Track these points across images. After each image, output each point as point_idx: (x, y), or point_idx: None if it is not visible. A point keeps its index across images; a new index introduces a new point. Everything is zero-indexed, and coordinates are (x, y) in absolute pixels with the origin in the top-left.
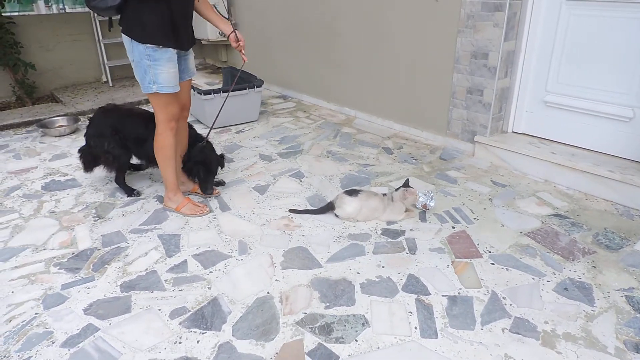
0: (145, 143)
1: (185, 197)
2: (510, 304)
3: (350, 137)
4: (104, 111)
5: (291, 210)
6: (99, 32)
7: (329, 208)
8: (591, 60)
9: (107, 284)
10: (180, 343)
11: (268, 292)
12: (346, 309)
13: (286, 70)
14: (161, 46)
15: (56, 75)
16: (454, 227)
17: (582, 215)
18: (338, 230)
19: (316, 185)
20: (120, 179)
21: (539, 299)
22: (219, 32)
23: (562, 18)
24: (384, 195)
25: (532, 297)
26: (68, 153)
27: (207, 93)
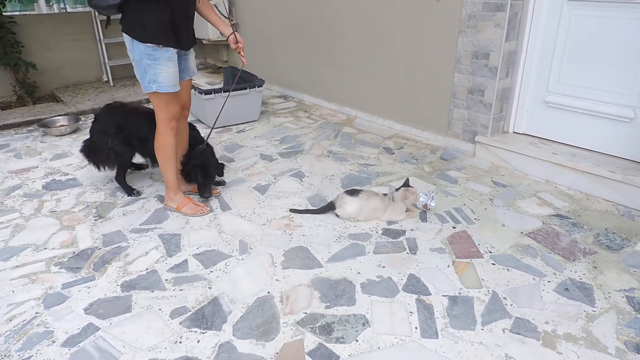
0: (150, 142)
1: (186, 196)
2: (511, 304)
3: (351, 137)
4: (109, 109)
5: (292, 210)
6: (100, 32)
7: (329, 208)
8: (592, 60)
9: (107, 284)
10: (180, 343)
11: (268, 292)
12: (347, 309)
13: (287, 70)
14: (161, 46)
15: (57, 75)
16: (454, 227)
17: (583, 215)
18: (339, 230)
19: (317, 185)
20: (120, 178)
21: (539, 299)
22: (219, 33)
23: (563, 18)
24: (384, 195)
25: (532, 298)
26: (69, 152)
27: (207, 93)
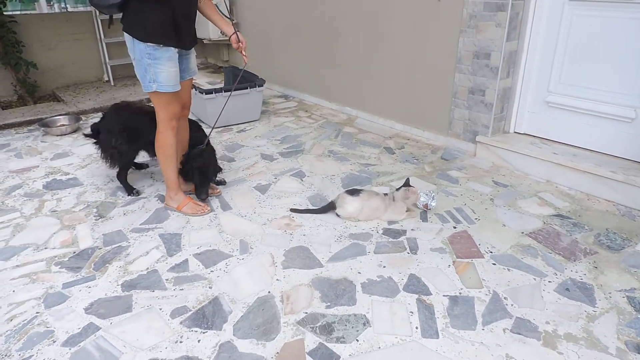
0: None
1: (187, 196)
2: (512, 304)
3: (352, 136)
4: (116, 108)
5: (292, 209)
6: (100, 31)
7: (330, 207)
8: (593, 60)
9: (108, 283)
10: (181, 342)
11: (269, 292)
12: (347, 309)
13: (287, 69)
14: (162, 45)
15: (58, 75)
16: (455, 227)
17: (583, 215)
18: (339, 230)
19: (317, 184)
20: (122, 176)
21: (540, 299)
22: (220, 32)
23: (564, 18)
24: (385, 195)
25: (533, 298)
26: (69, 152)
27: (208, 92)
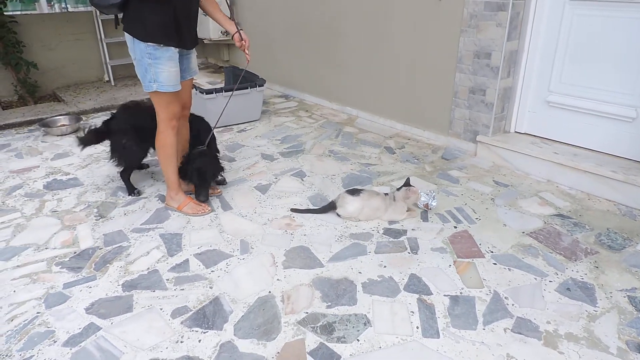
0: None
1: (187, 196)
2: (513, 304)
3: (352, 136)
4: (125, 108)
5: (293, 209)
6: (101, 32)
7: (330, 207)
8: (594, 60)
9: (108, 283)
10: (181, 342)
11: (270, 292)
12: (348, 309)
13: (288, 69)
14: (162, 45)
15: (58, 75)
16: (456, 227)
17: (584, 215)
18: (340, 230)
19: (318, 184)
20: (126, 175)
21: (541, 299)
22: (221, 31)
23: (565, 18)
24: (385, 194)
25: (534, 297)
26: (70, 152)
27: (209, 92)
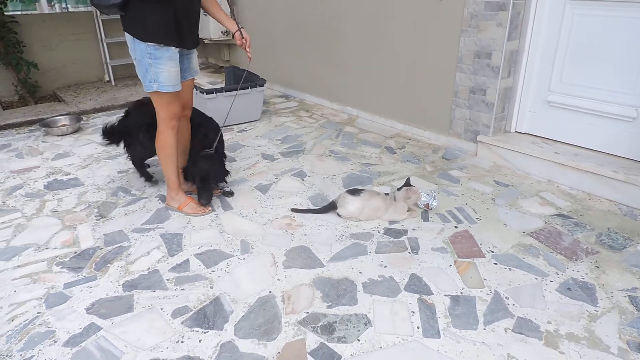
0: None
1: (188, 196)
2: (513, 304)
3: (353, 136)
4: (138, 105)
5: (293, 209)
6: (101, 32)
7: (331, 207)
8: (595, 60)
9: (109, 283)
10: (182, 342)
11: (270, 292)
12: (348, 309)
13: (288, 69)
14: (162, 45)
15: (59, 75)
16: (456, 227)
17: (585, 215)
18: (340, 230)
19: (318, 184)
20: (142, 169)
21: (541, 299)
22: (221, 31)
23: (565, 17)
24: (386, 194)
25: (535, 297)
26: (70, 152)
27: (209, 92)
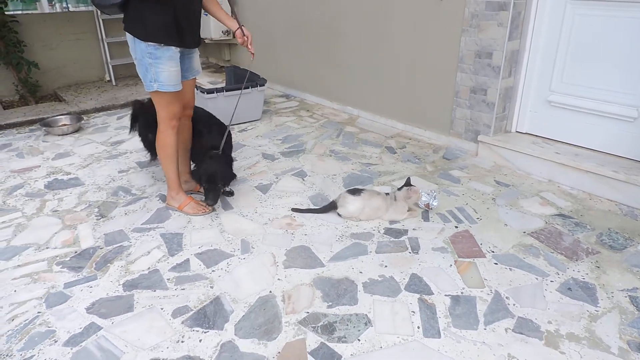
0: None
1: (188, 196)
2: (514, 304)
3: (353, 136)
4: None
5: (294, 209)
6: (102, 31)
7: (331, 207)
8: (596, 59)
9: (109, 283)
10: (182, 342)
11: (270, 291)
12: (349, 309)
13: (289, 69)
14: (162, 44)
15: (59, 74)
16: (457, 227)
17: (585, 215)
18: (341, 230)
19: (319, 184)
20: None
21: (542, 299)
22: (222, 31)
23: (566, 17)
24: (386, 194)
25: (535, 297)
26: (71, 152)
27: (210, 92)
